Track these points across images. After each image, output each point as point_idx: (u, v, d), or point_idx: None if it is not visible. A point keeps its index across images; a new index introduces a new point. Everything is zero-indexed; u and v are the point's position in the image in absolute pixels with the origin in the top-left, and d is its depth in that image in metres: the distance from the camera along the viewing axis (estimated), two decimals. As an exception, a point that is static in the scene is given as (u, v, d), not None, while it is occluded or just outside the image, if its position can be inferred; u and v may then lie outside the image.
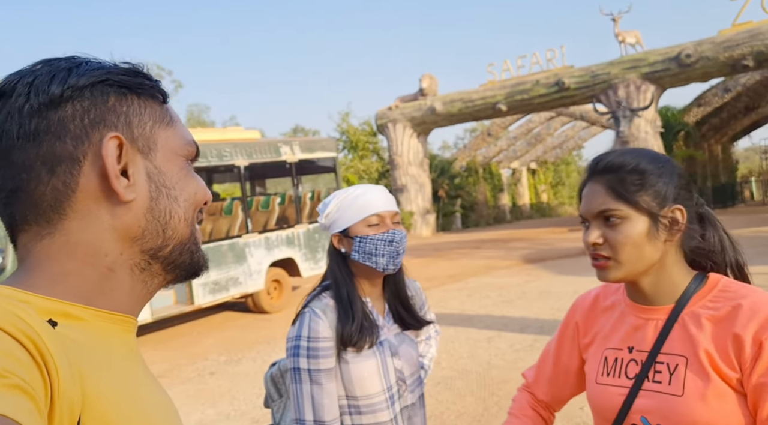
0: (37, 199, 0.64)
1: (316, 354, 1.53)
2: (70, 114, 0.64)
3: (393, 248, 1.59)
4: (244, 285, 8.73)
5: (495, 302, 8.32)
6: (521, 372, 1.56)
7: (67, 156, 0.63)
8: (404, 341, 1.71)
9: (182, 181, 0.72)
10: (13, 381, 0.46)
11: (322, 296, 1.64)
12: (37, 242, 0.65)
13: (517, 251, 13.85)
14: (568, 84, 17.69)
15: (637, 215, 1.11)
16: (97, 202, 0.65)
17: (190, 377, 6.18)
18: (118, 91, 0.68)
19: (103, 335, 0.64)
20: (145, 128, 0.69)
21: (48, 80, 0.64)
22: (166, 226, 0.69)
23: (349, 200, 1.64)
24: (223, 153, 8.76)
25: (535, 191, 29.55)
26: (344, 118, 26.98)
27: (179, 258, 0.72)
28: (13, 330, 0.50)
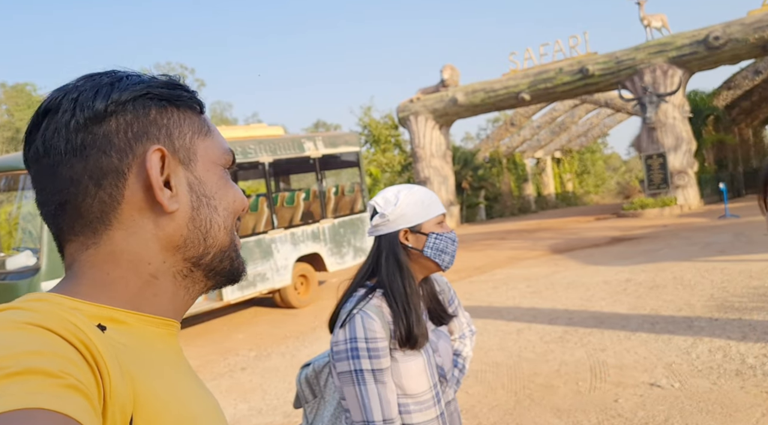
0: (84, 211, 0.66)
1: (377, 354, 1.54)
2: (114, 128, 0.66)
3: (455, 247, 1.66)
4: (271, 281, 8.80)
5: (523, 294, 8.25)
6: None
7: (113, 169, 0.66)
8: (441, 337, 1.72)
9: (221, 190, 0.73)
10: (69, 381, 0.48)
11: (369, 297, 1.63)
12: (83, 251, 0.67)
13: (543, 242, 13.72)
14: (592, 71, 17.42)
15: None
16: (141, 213, 0.67)
17: (221, 372, 6.25)
18: (159, 104, 0.70)
19: (148, 339, 0.67)
20: (185, 139, 0.71)
21: (92, 96, 0.66)
22: (207, 234, 0.71)
23: (417, 197, 1.66)
24: (247, 150, 8.81)
25: (560, 180, 29.22)
26: (366, 112, 26.97)
27: (220, 265, 0.74)
28: (67, 334, 0.52)
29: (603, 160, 34.42)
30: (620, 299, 7.08)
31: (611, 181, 35.48)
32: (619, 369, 4.88)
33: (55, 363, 0.49)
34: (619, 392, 4.41)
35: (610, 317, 6.46)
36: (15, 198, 8.65)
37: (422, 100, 20.87)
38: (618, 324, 6.19)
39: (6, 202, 14.08)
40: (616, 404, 4.21)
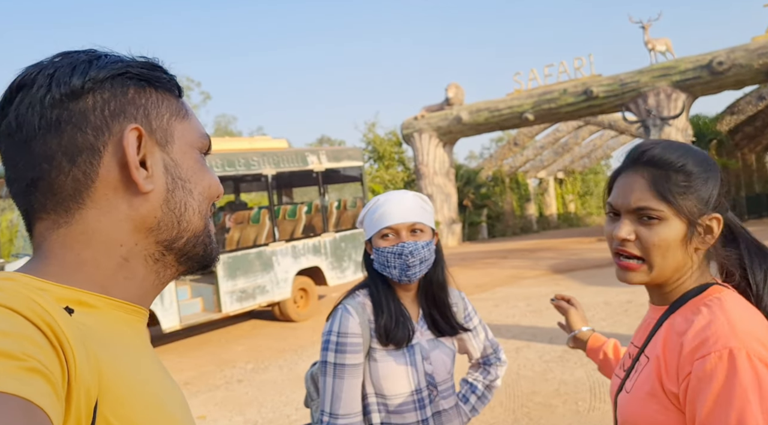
0: (57, 188, 0.64)
1: (343, 348, 1.58)
2: (91, 105, 0.65)
3: (402, 260, 1.60)
4: (270, 294, 8.76)
5: (523, 312, 8.21)
6: None
7: (88, 146, 0.64)
8: (437, 347, 1.71)
9: (197, 174, 0.73)
10: (31, 364, 0.47)
11: (356, 294, 1.70)
12: (54, 230, 0.65)
13: (544, 261, 13.68)
14: (596, 93, 17.49)
15: (676, 218, 1.04)
16: (116, 192, 0.66)
17: (217, 384, 6.20)
18: (138, 84, 0.68)
19: (116, 324, 0.65)
20: (163, 120, 0.70)
21: (69, 72, 0.64)
22: (181, 218, 0.70)
23: (371, 210, 1.69)
24: (250, 162, 8.83)
25: (563, 201, 29.20)
26: (370, 128, 27.05)
27: (193, 250, 0.73)
28: (31, 314, 0.50)
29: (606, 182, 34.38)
30: (621, 321, 7.03)
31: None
32: (618, 390, 4.83)
33: (18, 344, 0.47)
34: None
35: (611, 337, 6.40)
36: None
37: (426, 118, 20.94)
38: (618, 344, 6.14)
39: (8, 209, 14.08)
40: None
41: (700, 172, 1.06)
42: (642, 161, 1.08)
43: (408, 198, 1.68)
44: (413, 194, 1.71)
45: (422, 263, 1.64)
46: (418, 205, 1.68)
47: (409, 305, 1.72)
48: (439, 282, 1.74)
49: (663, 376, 0.99)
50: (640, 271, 1.07)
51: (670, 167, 1.05)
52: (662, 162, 1.06)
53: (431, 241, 1.69)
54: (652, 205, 1.04)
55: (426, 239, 1.66)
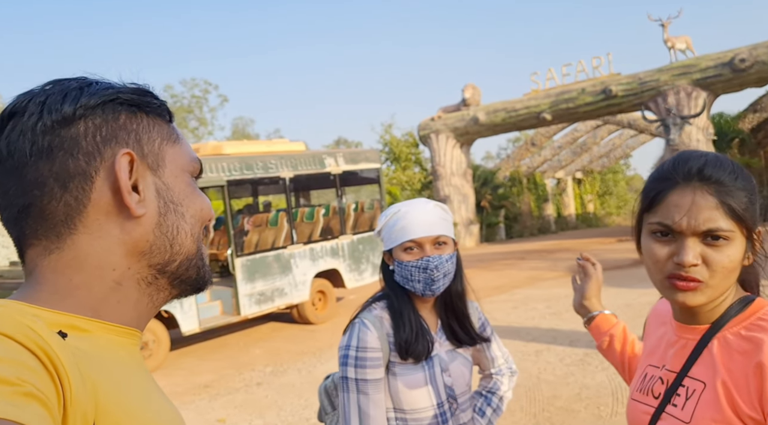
0: (49, 214, 0.65)
1: (363, 363, 1.55)
2: (83, 131, 0.65)
3: (427, 275, 1.58)
4: (289, 296, 8.79)
5: (542, 315, 8.14)
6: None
7: (80, 172, 0.65)
8: (456, 358, 1.68)
9: (189, 197, 0.73)
10: (26, 389, 0.47)
11: (373, 307, 1.67)
12: (46, 256, 0.66)
13: (563, 262, 13.56)
14: (615, 92, 17.32)
15: (740, 236, 0.98)
16: (108, 217, 0.66)
17: (237, 387, 6.23)
18: (129, 110, 0.69)
19: (110, 347, 0.65)
20: (154, 145, 0.71)
21: (60, 100, 0.65)
22: (174, 241, 0.71)
23: (392, 221, 1.65)
24: (268, 165, 8.86)
25: (581, 201, 28.94)
26: (387, 129, 27.07)
27: (185, 273, 0.73)
28: (25, 340, 0.51)
29: (625, 181, 34.05)
30: (642, 323, 6.93)
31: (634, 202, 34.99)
32: (641, 395, 4.76)
33: (12, 369, 0.48)
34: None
35: (632, 341, 6.32)
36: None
37: (443, 119, 20.89)
38: (640, 347, 6.05)
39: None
40: None
41: (753, 185, 1.02)
42: (701, 177, 1.00)
43: (430, 209, 1.65)
44: (434, 204, 1.68)
45: (446, 276, 1.62)
46: (440, 216, 1.65)
47: (427, 315, 1.70)
48: (458, 293, 1.72)
49: (737, 401, 0.93)
50: (702, 292, 0.99)
51: (731, 182, 0.99)
52: (722, 178, 0.99)
53: (454, 253, 1.66)
54: (723, 225, 0.97)
55: (449, 251, 1.64)
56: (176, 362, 7.60)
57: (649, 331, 1.25)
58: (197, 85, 37.07)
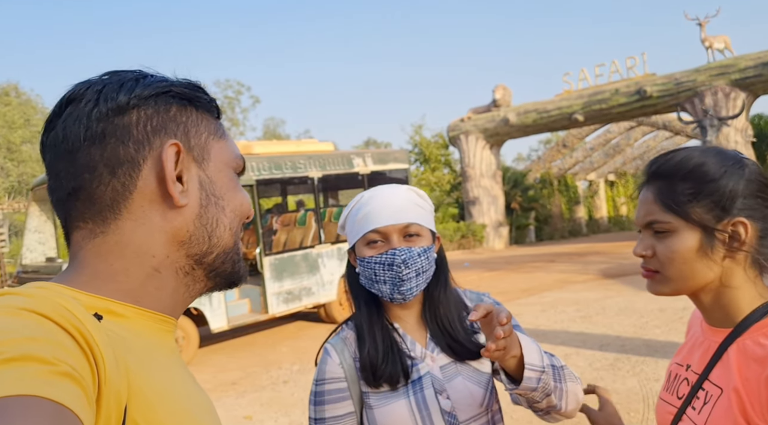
0: (97, 198, 0.67)
1: (321, 399, 1.31)
2: (135, 120, 0.68)
3: (393, 273, 1.27)
4: (316, 295, 8.82)
5: (572, 318, 8.01)
6: None
7: (129, 159, 0.67)
8: (459, 373, 1.32)
9: (230, 192, 0.75)
10: (62, 368, 0.48)
11: (343, 327, 1.41)
12: (90, 240, 0.68)
13: (594, 266, 13.34)
14: (650, 92, 16.98)
15: (688, 228, 0.99)
16: (151, 204, 0.68)
17: (263, 385, 6.27)
18: (180, 103, 0.72)
19: (145, 333, 0.67)
20: (201, 138, 0.73)
21: (117, 89, 0.68)
22: (212, 233, 0.72)
23: (354, 210, 1.36)
24: (297, 165, 8.91)
25: (614, 204, 28.47)
26: (417, 130, 27.01)
27: (221, 266, 0.74)
28: (62, 320, 0.52)
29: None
30: (676, 328, 6.77)
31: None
32: (673, 401, 4.64)
33: (49, 349, 0.49)
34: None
35: (665, 346, 6.18)
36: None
37: (473, 120, 20.77)
38: (673, 353, 5.91)
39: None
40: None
41: (715, 173, 0.99)
42: (650, 174, 1.07)
43: (400, 193, 1.34)
44: (406, 187, 1.37)
45: (419, 275, 1.30)
46: (411, 201, 1.33)
47: (411, 327, 1.38)
48: (442, 298, 1.38)
49: (749, 411, 0.91)
50: (659, 281, 1.04)
51: (676, 175, 1.02)
52: (668, 172, 1.03)
53: (431, 247, 1.34)
54: (658, 218, 1.02)
55: (424, 244, 1.32)
56: (205, 359, 7.69)
57: (688, 331, 1.22)
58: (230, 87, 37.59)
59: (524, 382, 1.13)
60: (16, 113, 27.67)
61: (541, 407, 1.22)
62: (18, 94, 29.49)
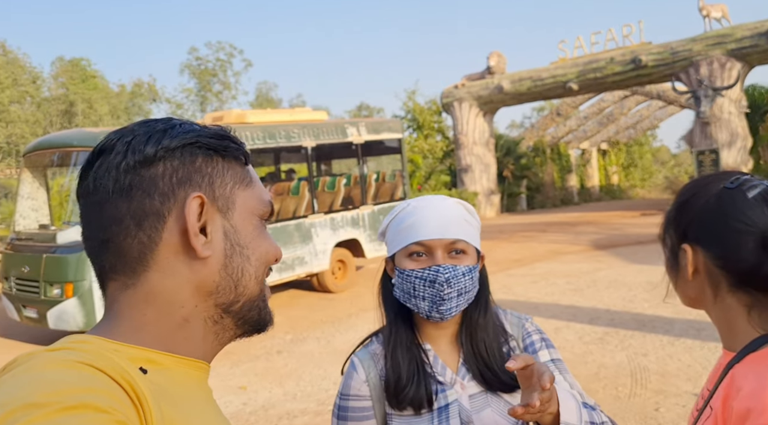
0: (125, 251, 0.68)
1: (344, 414, 1.29)
2: (161, 173, 0.69)
3: (435, 290, 1.21)
4: (309, 265, 8.86)
5: (563, 290, 8.12)
6: None
7: (154, 212, 0.68)
8: (488, 405, 1.26)
9: (256, 240, 0.75)
10: (119, 417, 0.52)
11: (373, 340, 1.36)
12: (123, 291, 0.69)
13: (585, 236, 13.45)
14: (645, 61, 16.86)
15: (666, 249, 1.09)
16: (177, 256, 0.69)
17: (257, 354, 6.35)
18: (206, 153, 0.73)
19: (183, 381, 0.69)
20: (226, 189, 0.73)
21: (145, 140, 0.69)
22: (238, 283, 0.73)
23: (398, 218, 1.30)
24: (291, 134, 8.84)
25: (606, 173, 28.55)
26: (410, 96, 26.77)
27: (248, 314, 0.75)
28: (114, 374, 0.57)
29: (651, 153, 33.43)
30: (664, 303, 6.89)
31: (659, 175, 34.47)
32: (661, 376, 4.75)
33: (106, 399, 0.53)
34: (660, 400, 4.29)
35: (654, 321, 6.29)
36: (67, 172, 8.90)
37: (467, 87, 20.59)
38: (662, 328, 6.03)
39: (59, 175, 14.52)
40: (657, 413, 4.10)
41: (683, 198, 1.05)
42: None
43: (449, 206, 1.28)
44: (455, 201, 1.30)
45: (461, 295, 1.24)
46: (461, 216, 1.27)
47: (444, 348, 1.32)
48: (480, 321, 1.31)
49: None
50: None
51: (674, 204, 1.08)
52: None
53: (476, 266, 1.28)
54: (661, 233, 1.10)
55: (469, 263, 1.26)
56: (199, 327, 7.75)
57: None
58: (223, 49, 36.99)
59: None
60: (3, 72, 27.09)
61: None
62: (5, 53, 28.83)
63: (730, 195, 0.98)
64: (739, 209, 0.96)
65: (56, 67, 31.98)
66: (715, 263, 0.99)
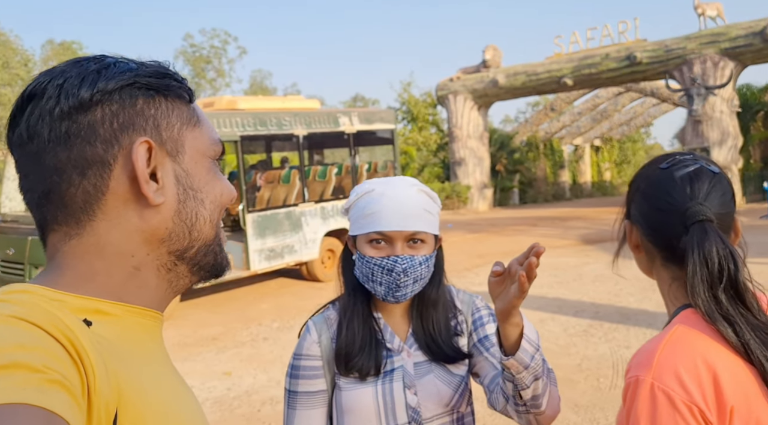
0: (68, 201, 0.65)
1: (296, 373, 1.36)
2: (100, 118, 0.64)
3: (392, 278, 1.29)
4: (299, 253, 8.86)
5: (549, 283, 8.16)
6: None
7: (98, 160, 0.64)
8: (431, 372, 1.35)
9: (209, 183, 0.72)
10: (53, 376, 0.49)
11: (329, 307, 1.44)
12: (66, 242, 0.66)
13: (575, 231, 13.52)
14: (639, 58, 16.90)
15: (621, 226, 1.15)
16: (126, 204, 0.66)
17: (243, 341, 6.35)
18: (146, 94, 0.68)
19: (134, 331, 0.66)
20: (173, 131, 0.69)
21: (78, 83, 0.64)
22: (192, 228, 0.70)
23: (362, 202, 1.35)
24: (282, 122, 8.82)
25: (598, 169, 28.65)
26: (405, 88, 26.74)
27: (204, 259, 0.73)
28: (52, 328, 0.52)
29: (645, 150, 33.55)
30: (649, 296, 6.93)
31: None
32: (642, 368, 4.79)
33: (40, 357, 0.49)
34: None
35: (638, 314, 6.34)
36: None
37: (462, 80, 20.58)
38: (645, 321, 6.07)
39: None
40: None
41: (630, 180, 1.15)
42: None
43: (412, 196, 1.33)
44: (419, 189, 1.35)
45: (416, 282, 1.33)
46: (423, 207, 1.33)
47: (395, 319, 1.41)
48: (432, 298, 1.40)
49: None
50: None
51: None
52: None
53: (432, 255, 1.36)
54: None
55: (426, 252, 1.33)
56: (186, 313, 7.75)
57: None
58: (217, 36, 36.67)
59: (520, 352, 1.11)
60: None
61: (526, 397, 1.17)
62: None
63: (660, 176, 1.04)
64: (663, 189, 1.02)
65: (47, 50, 31.68)
66: (648, 240, 1.06)
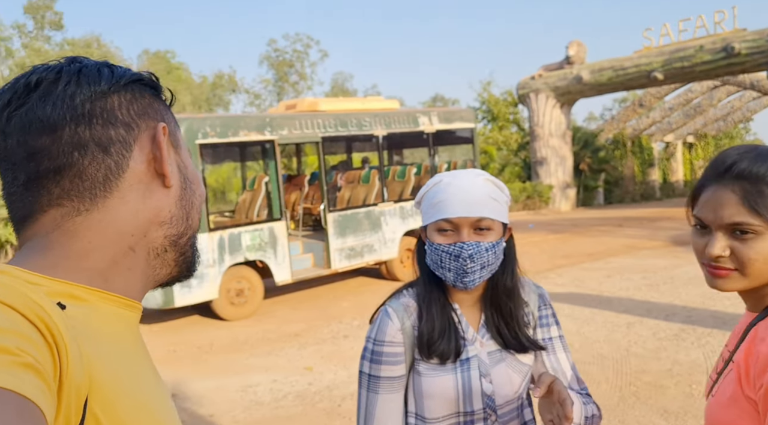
0: (89, 176, 0.67)
1: (378, 358, 1.39)
2: (117, 105, 0.69)
3: (459, 264, 1.33)
4: (378, 253, 8.96)
5: (637, 285, 7.82)
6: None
7: (120, 140, 0.69)
8: (503, 360, 1.42)
9: (197, 177, 0.79)
10: (25, 359, 0.48)
11: (403, 294, 1.48)
12: (71, 218, 0.67)
13: (665, 232, 12.88)
14: (738, 49, 15.88)
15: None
16: (140, 184, 0.70)
17: (324, 338, 6.49)
18: (151, 91, 0.75)
19: (109, 318, 0.66)
20: (172, 125, 0.77)
21: (96, 74, 0.69)
22: (189, 215, 0.76)
23: (431, 193, 1.40)
24: (362, 122, 8.94)
25: (691, 167, 27.15)
26: (485, 87, 26.43)
27: (188, 251, 0.77)
28: (27, 311, 0.51)
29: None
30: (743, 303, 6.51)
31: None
32: (739, 377, 4.51)
33: (12, 340, 0.48)
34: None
35: (733, 319, 5.96)
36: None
37: (544, 78, 20.09)
38: (743, 327, 5.71)
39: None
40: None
41: None
42: (731, 175, 1.07)
43: (478, 184, 1.36)
44: (485, 178, 1.39)
45: (484, 268, 1.36)
46: (487, 194, 1.36)
47: (468, 309, 1.46)
48: (506, 288, 1.43)
49: (743, 381, 1.01)
50: (734, 278, 1.07)
51: (761, 180, 1.04)
52: (754, 176, 1.04)
53: (499, 241, 1.38)
54: (747, 220, 1.03)
55: (493, 239, 1.36)
56: (270, 310, 8.01)
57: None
58: (300, 40, 37.67)
59: None
60: (97, 65, 28.71)
61: None
62: (99, 46, 30.52)
63: None
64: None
65: (143, 59, 33.60)
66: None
